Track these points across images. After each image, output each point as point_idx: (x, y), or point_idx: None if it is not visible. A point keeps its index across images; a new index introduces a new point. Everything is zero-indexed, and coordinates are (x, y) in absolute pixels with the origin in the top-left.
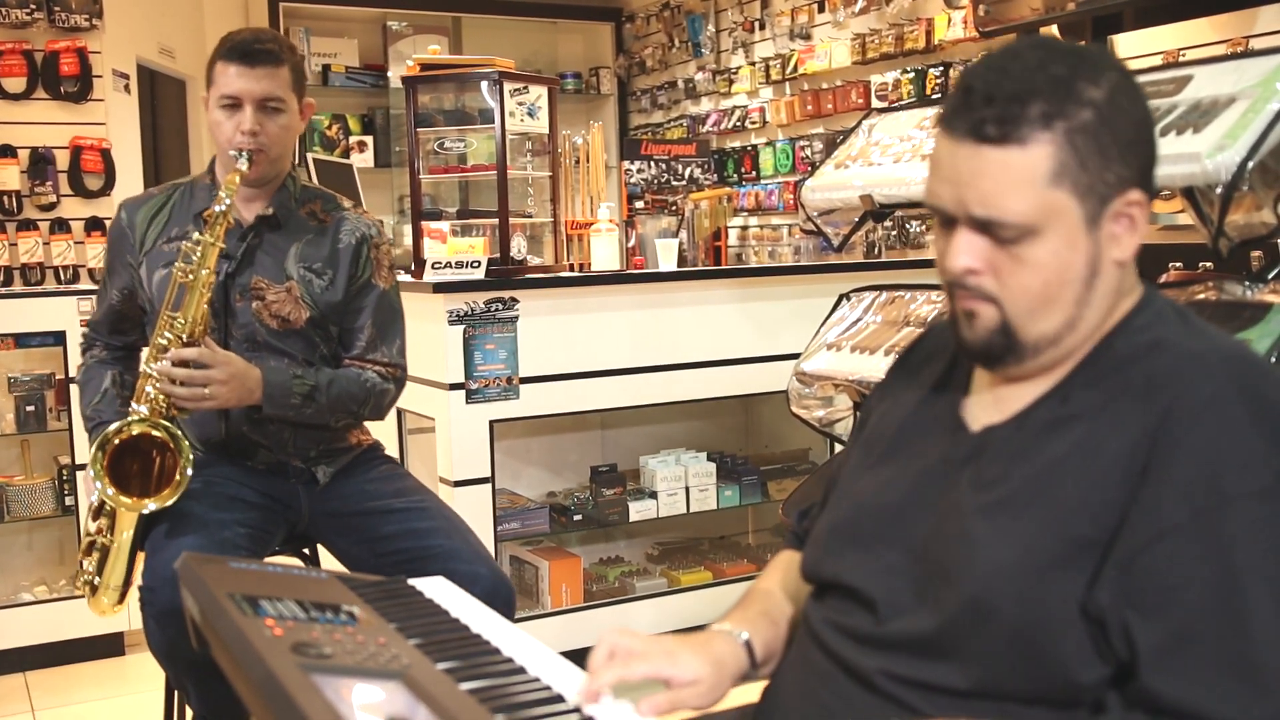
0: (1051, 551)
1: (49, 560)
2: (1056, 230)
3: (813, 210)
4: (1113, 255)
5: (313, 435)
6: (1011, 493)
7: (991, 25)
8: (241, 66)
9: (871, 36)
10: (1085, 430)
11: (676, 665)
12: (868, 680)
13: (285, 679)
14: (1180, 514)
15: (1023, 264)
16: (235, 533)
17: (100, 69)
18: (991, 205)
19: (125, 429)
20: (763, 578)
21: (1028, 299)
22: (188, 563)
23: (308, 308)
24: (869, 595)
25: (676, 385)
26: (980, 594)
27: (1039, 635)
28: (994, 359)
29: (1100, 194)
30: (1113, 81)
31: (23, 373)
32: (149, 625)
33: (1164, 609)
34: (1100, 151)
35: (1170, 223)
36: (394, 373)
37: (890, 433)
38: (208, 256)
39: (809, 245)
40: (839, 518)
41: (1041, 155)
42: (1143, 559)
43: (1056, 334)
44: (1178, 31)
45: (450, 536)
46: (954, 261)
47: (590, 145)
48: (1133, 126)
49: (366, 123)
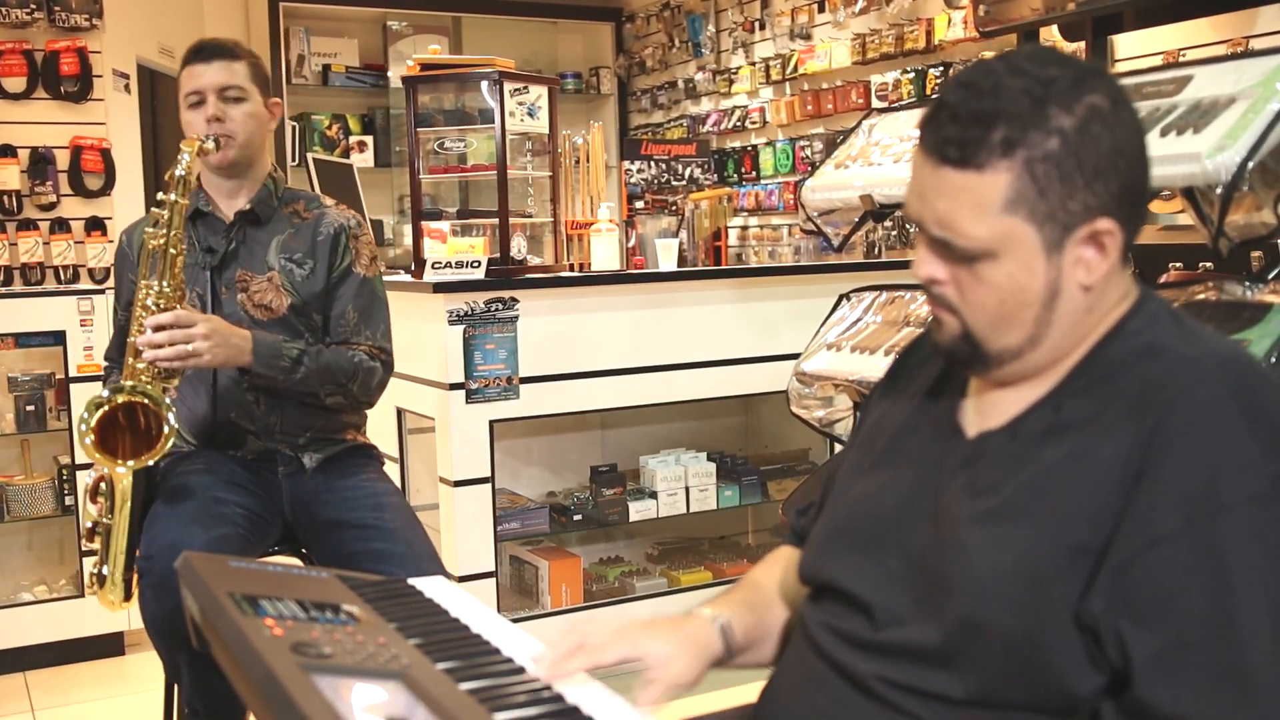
0: (1046, 560)
1: (49, 560)
2: (1013, 255)
3: (813, 210)
4: (1078, 280)
5: (301, 419)
6: (1005, 501)
7: (991, 25)
8: (199, 64)
9: (871, 36)
10: (1079, 438)
11: (641, 647)
12: (863, 684)
13: (285, 679)
14: (1175, 521)
15: (980, 282)
16: (233, 510)
17: (100, 69)
18: (947, 226)
19: (113, 397)
20: (757, 569)
21: (986, 315)
22: (188, 561)
23: (289, 295)
24: (866, 601)
25: (676, 385)
26: (976, 604)
27: (1034, 645)
28: (963, 364)
29: (1062, 222)
30: (1091, 106)
31: (23, 373)
32: (146, 596)
33: (1158, 618)
34: (1063, 180)
35: (1170, 223)
36: (379, 354)
37: (888, 435)
38: (175, 216)
39: (809, 245)
40: (836, 521)
41: (998, 182)
42: (1137, 567)
43: (1019, 348)
44: (1178, 31)
45: (404, 564)
46: (917, 270)
47: (590, 145)
48: (1106, 155)
49: (366, 123)
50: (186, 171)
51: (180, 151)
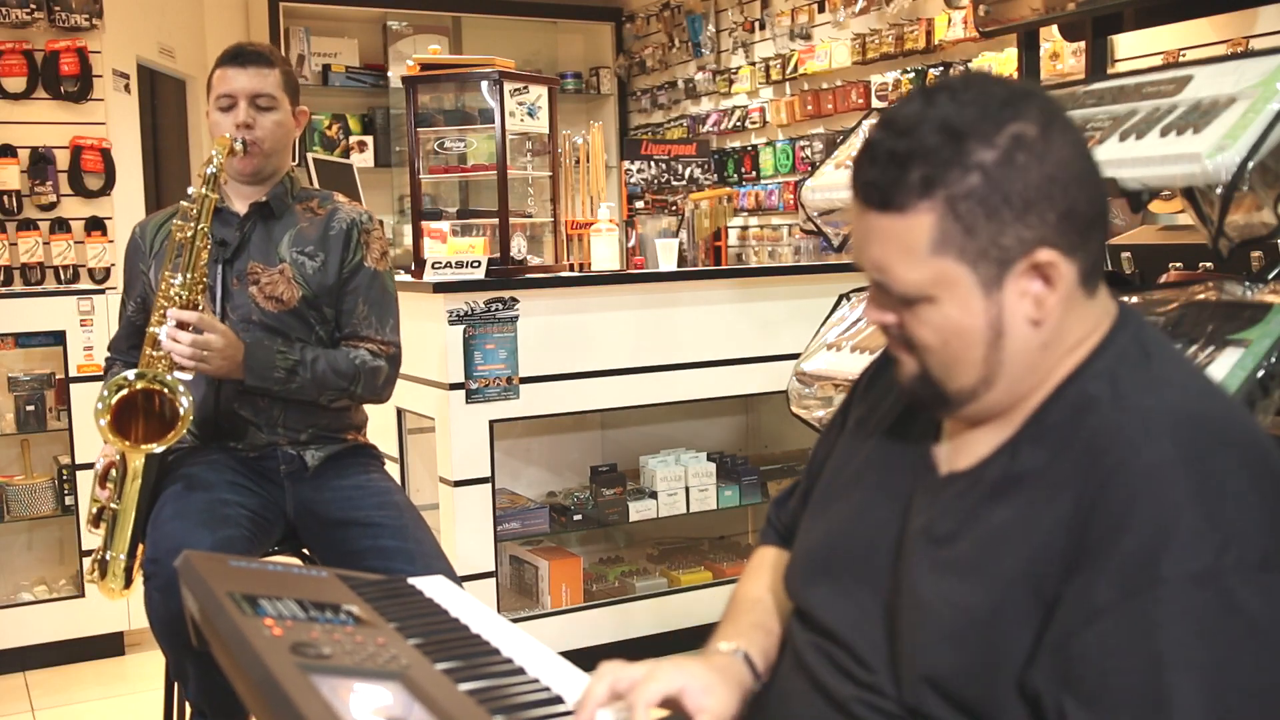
0: (993, 625)
1: (49, 560)
2: (950, 296)
3: (813, 210)
4: (1025, 315)
5: (304, 416)
6: (958, 556)
7: (991, 25)
8: (234, 68)
9: (871, 36)
10: (1028, 495)
11: (677, 681)
12: (845, 708)
13: (284, 679)
14: (1113, 593)
15: (922, 324)
16: (237, 512)
17: (100, 69)
18: (881, 270)
19: (134, 381)
20: (747, 582)
21: (934, 357)
22: (188, 561)
23: (300, 287)
24: (842, 638)
25: (676, 385)
26: (932, 663)
27: (978, 706)
28: (924, 406)
29: (996, 258)
30: (1014, 136)
31: (23, 373)
32: (153, 599)
33: (1095, 695)
34: (989, 216)
35: (1170, 223)
36: (386, 350)
37: (867, 451)
38: (204, 210)
39: (809, 245)
40: (814, 542)
41: (922, 224)
42: (1076, 643)
43: (974, 389)
44: (1178, 31)
45: (414, 560)
46: (867, 314)
47: (590, 145)
48: (1036, 185)
49: (366, 122)
50: (218, 169)
51: (213, 149)
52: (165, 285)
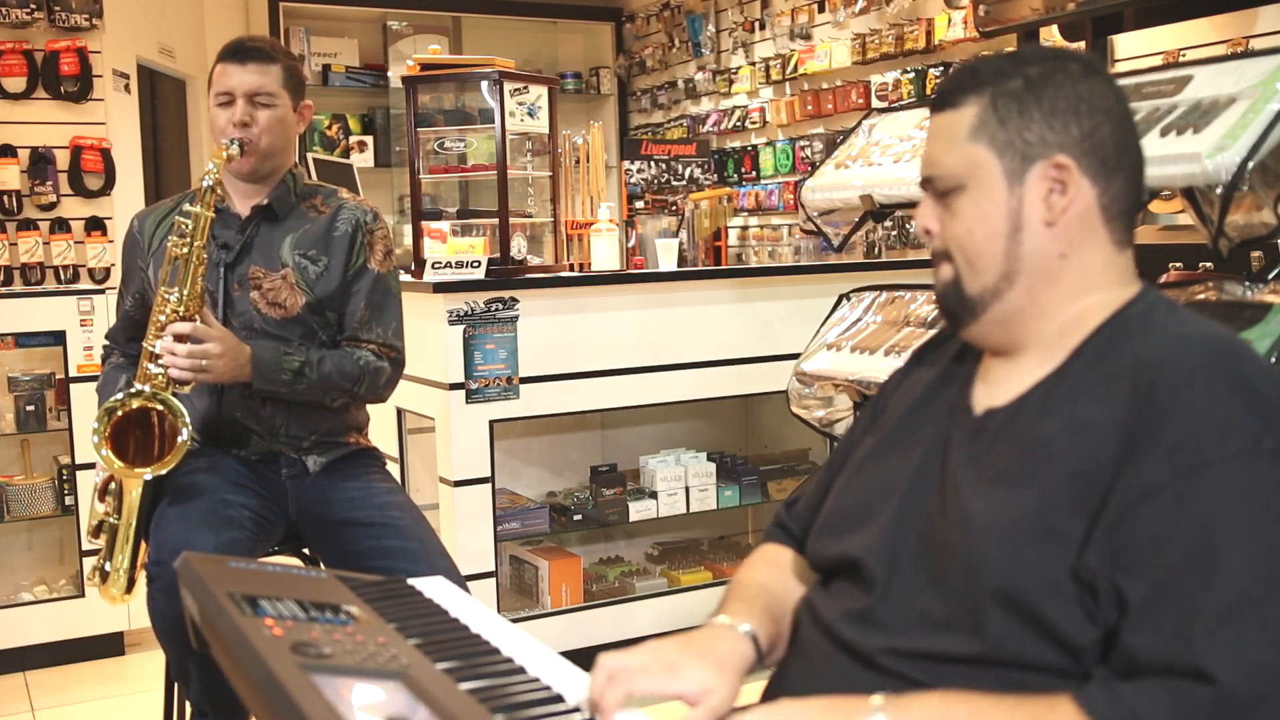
0: (1043, 521)
1: (49, 560)
2: (978, 183)
3: (813, 210)
4: (1039, 216)
5: (306, 423)
6: (1006, 469)
7: (991, 25)
8: (233, 64)
9: (871, 36)
10: (1075, 408)
11: (681, 679)
12: (870, 660)
13: (285, 679)
14: (1163, 475)
15: (954, 216)
16: (240, 513)
17: (100, 69)
18: (930, 163)
19: (127, 401)
20: (751, 569)
21: (961, 250)
22: (188, 561)
23: (303, 293)
24: (872, 569)
25: (676, 385)
26: (979, 565)
27: (1032, 601)
28: (953, 316)
29: (1020, 151)
30: (1061, 66)
31: (23, 373)
32: (156, 602)
33: (1145, 567)
34: (1020, 113)
35: (1170, 223)
36: (388, 352)
37: (899, 416)
38: (200, 228)
39: (809, 245)
40: (847, 501)
41: (968, 115)
42: (1127, 521)
43: (996, 287)
44: (1178, 31)
45: (418, 560)
46: (917, 220)
47: (590, 145)
48: (1065, 98)
49: (366, 122)
50: (215, 183)
51: (210, 161)
52: (161, 302)
